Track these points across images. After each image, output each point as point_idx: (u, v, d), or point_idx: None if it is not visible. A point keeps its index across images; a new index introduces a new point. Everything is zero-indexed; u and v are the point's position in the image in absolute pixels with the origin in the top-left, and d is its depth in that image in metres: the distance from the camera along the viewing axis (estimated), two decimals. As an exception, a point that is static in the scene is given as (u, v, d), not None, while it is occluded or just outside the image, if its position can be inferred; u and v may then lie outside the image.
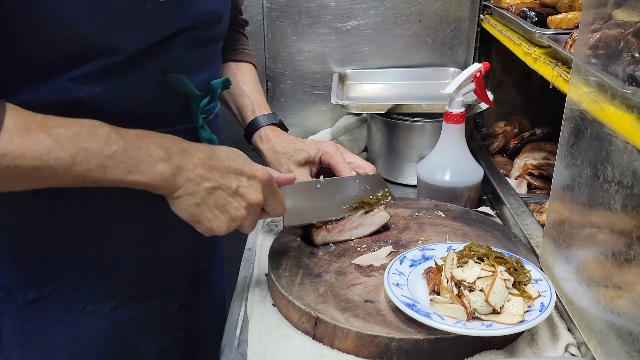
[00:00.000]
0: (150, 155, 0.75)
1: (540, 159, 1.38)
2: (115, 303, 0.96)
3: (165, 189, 0.77)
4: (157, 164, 0.75)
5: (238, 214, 0.82)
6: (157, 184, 0.76)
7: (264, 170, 0.84)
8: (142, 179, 0.75)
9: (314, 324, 0.85)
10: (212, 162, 0.80)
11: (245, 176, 0.82)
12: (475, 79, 1.19)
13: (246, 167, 0.83)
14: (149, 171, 0.75)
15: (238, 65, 1.19)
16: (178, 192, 0.78)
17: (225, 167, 0.81)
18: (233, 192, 0.81)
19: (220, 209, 0.81)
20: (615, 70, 0.75)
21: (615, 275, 0.72)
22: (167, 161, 0.76)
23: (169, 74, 0.85)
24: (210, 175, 0.79)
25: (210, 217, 0.81)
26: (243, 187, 0.82)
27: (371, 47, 1.59)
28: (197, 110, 0.94)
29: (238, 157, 0.84)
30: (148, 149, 0.75)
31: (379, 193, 1.06)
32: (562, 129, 0.87)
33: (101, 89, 0.80)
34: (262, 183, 0.84)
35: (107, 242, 0.92)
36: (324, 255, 1.00)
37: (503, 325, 0.79)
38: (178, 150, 0.78)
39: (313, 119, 1.65)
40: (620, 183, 0.69)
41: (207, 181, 0.79)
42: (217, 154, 0.82)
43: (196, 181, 0.78)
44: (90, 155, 0.71)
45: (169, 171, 0.76)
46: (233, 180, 0.81)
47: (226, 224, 0.82)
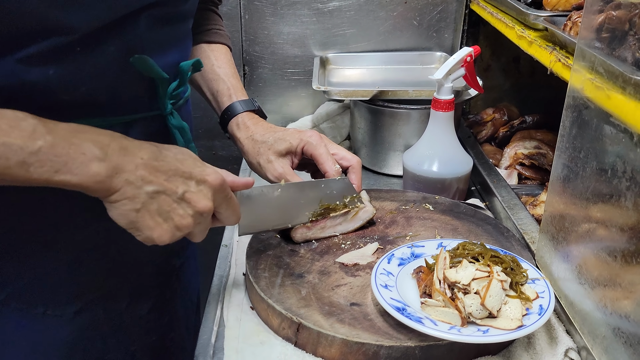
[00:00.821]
0: (82, 153, 0.66)
1: (531, 148, 1.33)
2: (79, 306, 0.89)
3: (100, 191, 0.68)
4: (91, 163, 0.66)
5: (184, 223, 0.73)
6: (90, 186, 0.67)
7: (216, 174, 0.75)
8: (72, 180, 0.66)
9: (296, 330, 0.78)
10: (156, 164, 0.71)
11: (194, 180, 0.73)
12: (466, 63, 1.12)
13: (196, 170, 0.74)
14: (80, 171, 0.66)
15: (211, 47, 1.10)
16: (115, 196, 0.69)
17: (171, 170, 0.72)
18: (179, 198, 0.72)
19: (164, 216, 0.71)
20: (622, 55, 0.69)
21: (623, 275, 0.67)
22: (103, 160, 0.67)
23: (132, 55, 0.77)
24: (154, 177, 0.70)
25: (151, 225, 0.71)
26: (191, 192, 0.73)
27: (354, 29, 1.52)
28: (164, 96, 0.86)
29: (188, 159, 0.74)
30: (81, 145, 0.66)
31: (346, 199, 0.98)
32: (563, 118, 0.81)
33: (54, 72, 0.72)
34: (213, 189, 0.75)
35: (66, 242, 0.85)
36: (306, 253, 0.94)
37: (501, 331, 0.74)
38: (117, 149, 0.69)
39: (293, 105, 1.58)
40: (632, 179, 0.63)
41: (149, 184, 0.70)
42: (164, 154, 0.73)
43: (136, 184, 0.69)
44: (10, 151, 0.62)
45: (104, 172, 0.67)
46: (180, 185, 0.72)
47: (170, 233, 0.73)
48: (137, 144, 0.72)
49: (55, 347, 0.89)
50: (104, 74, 0.77)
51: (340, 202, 0.98)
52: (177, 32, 0.89)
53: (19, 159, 0.63)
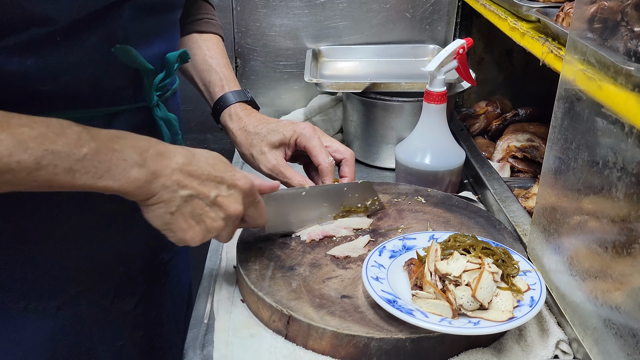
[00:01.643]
0: (124, 160, 0.68)
1: (523, 140, 1.33)
2: (61, 301, 0.88)
3: (139, 195, 0.70)
4: (131, 169, 0.68)
5: (215, 225, 0.75)
6: (130, 191, 0.69)
7: (246, 179, 0.78)
8: (114, 185, 0.68)
9: (286, 322, 0.78)
10: (190, 168, 0.73)
11: (226, 185, 0.76)
12: (458, 55, 1.12)
13: (227, 174, 0.76)
14: (122, 177, 0.68)
15: (203, 36, 1.09)
16: (152, 200, 0.71)
17: (204, 174, 0.74)
18: (211, 202, 0.74)
19: (196, 219, 0.74)
20: (614, 45, 0.69)
21: (613, 267, 0.66)
22: (142, 166, 0.69)
23: (115, 46, 0.75)
24: (188, 182, 0.72)
25: (184, 228, 0.74)
26: (222, 196, 0.75)
27: (347, 21, 1.51)
28: (150, 87, 0.85)
29: (219, 164, 0.76)
30: (122, 152, 0.68)
31: (367, 201, 1.01)
32: (555, 109, 0.80)
33: (33, 62, 0.70)
34: (243, 193, 0.77)
35: (46, 236, 0.84)
36: (297, 245, 0.93)
37: (491, 323, 0.73)
38: (154, 154, 0.71)
39: (285, 98, 1.57)
40: (623, 170, 0.63)
41: (184, 189, 0.72)
42: (197, 159, 0.74)
43: (172, 188, 0.71)
44: (58, 158, 0.64)
45: (143, 177, 0.69)
46: (212, 189, 0.74)
47: (201, 235, 0.75)
48: (172, 149, 0.73)
49: (38, 343, 0.88)
50: (85, 65, 0.76)
51: (361, 205, 1.00)
52: (163, 22, 0.87)
53: (66, 166, 0.64)
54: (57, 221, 0.84)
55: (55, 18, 0.69)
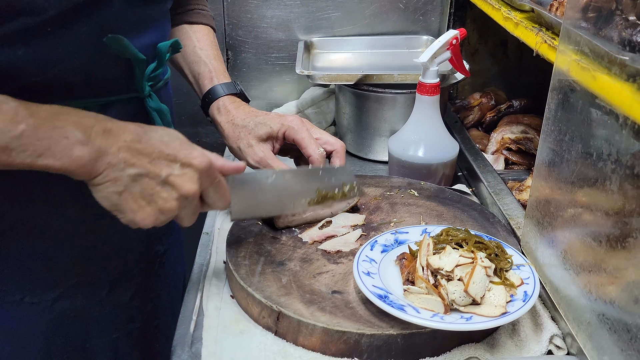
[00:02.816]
0: (65, 137, 0.65)
1: (518, 132, 1.31)
2: (57, 293, 0.88)
3: (84, 174, 0.67)
4: (74, 146, 0.65)
5: (167, 206, 0.71)
6: (73, 170, 0.66)
7: (202, 157, 0.73)
8: (56, 164, 0.65)
9: (276, 318, 0.77)
10: (140, 146, 0.69)
11: (179, 163, 0.71)
12: (451, 46, 1.10)
13: (182, 152, 0.72)
14: (63, 155, 0.65)
15: (194, 28, 1.08)
16: (98, 179, 0.68)
17: (155, 152, 0.70)
18: (162, 181, 0.70)
19: (147, 199, 0.70)
20: (609, 34, 0.67)
21: (607, 261, 0.65)
22: (86, 144, 0.66)
23: (106, 36, 0.74)
24: (136, 160, 0.69)
25: (134, 208, 0.70)
26: (174, 175, 0.71)
27: (339, 12, 1.49)
28: (142, 77, 0.84)
29: (174, 141, 0.72)
30: (64, 128, 0.65)
31: (345, 187, 0.95)
32: (549, 100, 0.79)
33: (23, 53, 0.69)
34: (199, 172, 0.72)
35: (42, 229, 0.83)
36: (287, 240, 0.92)
37: (484, 318, 0.72)
38: (100, 131, 0.67)
39: (277, 90, 1.55)
40: (617, 161, 0.62)
41: (131, 167, 0.69)
42: (149, 136, 0.71)
43: (119, 166, 0.68)
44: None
45: (87, 155, 0.66)
46: (163, 168, 0.70)
47: (153, 217, 0.71)
48: (122, 126, 0.70)
49: (34, 335, 0.88)
50: (76, 55, 0.75)
51: (338, 190, 0.95)
52: (153, 12, 0.86)
53: (1, 143, 0.62)
54: (52, 214, 0.83)
55: (45, 7, 0.68)
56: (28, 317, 0.87)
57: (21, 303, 0.85)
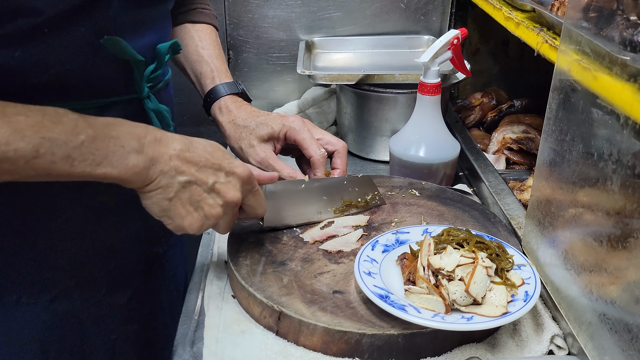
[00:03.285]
0: (122, 146, 0.67)
1: (519, 132, 1.31)
2: (54, 294, 0.88)
3: (137, 182, 0.70)
4: (129, 155, 0.68)
5: (213, 212, 0.75)
6: (129, 178, 0.69)
7: (244, 167, 0.77)
8: (113, 172, 0.67)
9: (277, 318, 0.77)
10: (188, 155, 0.73)
11: (224, 172, 0.75)
12: (453, 46, 1.10)
13: (225, 162, 0.76)
14: (119, 163, 0.67)
15: (196, 27, 1.08)
16: (150, 186, 0.71)
17: (202, 161, 0.74)
18: (209, 188, 0.74)
19: (194, 205, 0.74)
20: (610, 34, 0.67)
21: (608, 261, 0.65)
22: (140, 152, 0.69)
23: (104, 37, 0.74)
24: (186, 168, 0.72)
25: (182, 214, 0.73)
26: (220, 183, 0.75)
27: (340, 12, 1.49)
28: (141, 78, 0.84)
29: (217, 151, 0.76)
30: (119, 138, 0.68)
31: (367, 196, 1.00)
32: (550, 100, 0.79)
33: (21, 54, 0.69)
34: (241, 180, 0.77)
35: (38, 229, 0.83)
36: (288, 240, 0.92)
37: (485, 318, 0.72)
38: (152, 140, 0.70)
39: (278, 90, 1.56)
40: (619, 162, 0.62)
41: (181, 175, 0.72)
42: (195, 146, 0.74)
43: (170, 174, 0.71)
44: (56, 146, 0.63)
45: (142, 163, 0.69)
46: (210, 176, 0.74)
47: (200, 222, 0.74)
48: (170, 136, 0.73)
49: (30, 336, 0.88)
50: (74, 57, 0.75)
51: (361, 200, 0.99)
52: (153, 13, 0.86)
53: (64, 153, 0.64)
54: (50, 214, 0.83)
55: (42, 9, 0.68)
56: (24, 317, 0.87)
57: (18, 304, 0.85)
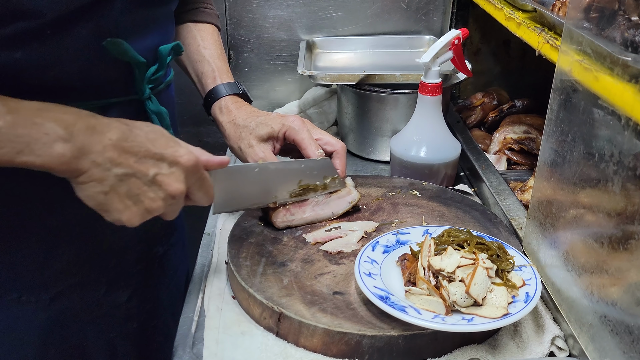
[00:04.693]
0: (45, 133, 0.63)
1: (520, 132, 1.31)
2: (54, 293, 0.88)
3: (66, 172, 0.66)
4: (55, 143, 0.64)
5: (154, 205, 0.70)
6: (55, 167, 0.65)
7: (189, 154, 0.72)
8: (36, 161, 0.63)
9: (277, 319, 0.77)
10: (126, 145, 0.68)
11: (167, 162, 0.70)
12: (453, 46, 1.10)
13: (168, 150, 0.71)
14: (43, 152, 0.63)
15: (198, 26, 1.07)
16: (82, 177, 0.66)
17: (142, 151, 0.69)
18: (150, 181, 0.69)
19: (134, 199, 0.69)
20: (611, 35, 0.67)
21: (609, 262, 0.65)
22: (68, 141, 0.64)
23: (106, 39, 0.74)
24: (123, 159, 0.67)
25: (120, 208, 0.69)
26: (162, 174, 0.70)
27: (341, 12, 1.49)
28: (142, 80, 0.84)
29: (160, 138, 0.71)
30: (43, 125, 0.63)
31: (327, 179, 0.96)
32: (551, 101, 0.79)
33: (22, 56, 0.69)
34: (185, 170, 0.72)
35: (38, 228, 0.83)
36: (289, 241, 0.92)
37: (485, 320, 0.72)
38: (83, 128, 0.66)
39: (279, 90, 1.55)
40: (620, 163, 0.61)
41: (118, 167, 0.67)
42: (135, 134, 0.69)
43: (105, 166, 0.66)
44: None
45: (69, 153, 0.64)
46: (151, 167, 0.69)
47: (139, 216, 0.70)
48: (106, 123, 0.68)
49: (30, 334, 0.88)
50: (76, 58, 0.75)
51: (320, 183, 0.96)
52: (156, 14, 0.86)
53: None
54: (50, 213, 0.83)
55: (43, 12, 0.68)
56: (24, 316, 0.87)
57: (18, 302, 0.85)
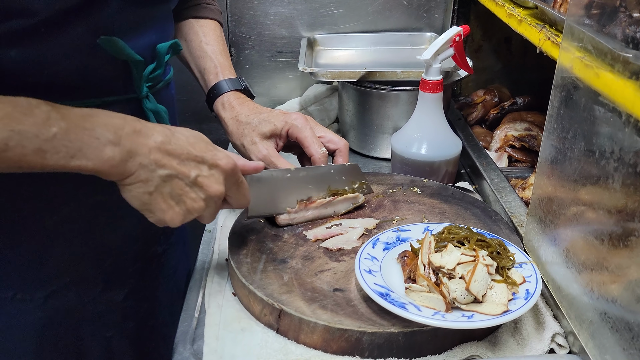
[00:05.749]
0: (96, 138, 0.66)
1: (521, 129, 1.31)
2: (50, 291, 0.88)
3: (115, 175, 0.68)
4: (105, 147, 0.66)
5: (195, 206, 0.73)
6: (105, 170, 0.67)
7: (227, 158, 0.75)
8: (88, 165, 0.66)
9: (278, 316, 0.77)
10: (169, 147, 0.71)
11: (207, 164, 0.73)
12: (455, 43, 1.10)
13: (208, 154, 0.74)
14: (95, 156, 0.66)
15: (200, 22, 1.07)
16: (129, 179, 0.69)
17: (184, 153, 0.72)
18: (191, 182, 0.72)
19: (176, 199, 0.72)
20: (612, 31, 0.67)
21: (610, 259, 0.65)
22: (117, 144, 0.67)
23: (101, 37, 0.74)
24: (167, 161, 0.70)
25: (164, 208, 0.72)
26: (203, 176, 0.73)
27: (342, 9, 1.49)
28: (139, 78, 0.83)
29: (199, 142, 0.74)
30: (94, 130, 0.66)
31: (355, 184, 0.99)
32: (552, 98, 0.78)
33: (17, 54, 0.69)
34: (224, 173, 0.75)
35: (35, 226, 0.83)
36: (289, 238, 0.92)
37: (485, 316, 0.72)
38: (130, 132, 0.68)
39: (280, 87, 1.55)
40: (620, 160, 0.61)
41: (162, 168, 0.70)
42: (177, 137, 0.72)
43: (150, 167, 0.69)
44: (26, 139, 0.62)
45: (118, 156, 0.67)
46: (192, 169, 0.72)
47: (181, 216, 0.73)
48: (150, 127, 0.71)
49: (26, 332, 0.88)
50: (72, 56, 0.74)
51: (348, 188, 0.98)
52: (154, 12, 0.86)
53: (34, 146, 0.62)
54: (47, 211, 0.83)
55: (37, 10, 0.68)
56: (20, 314, 0.87)
57: (13, 300, 0.86)
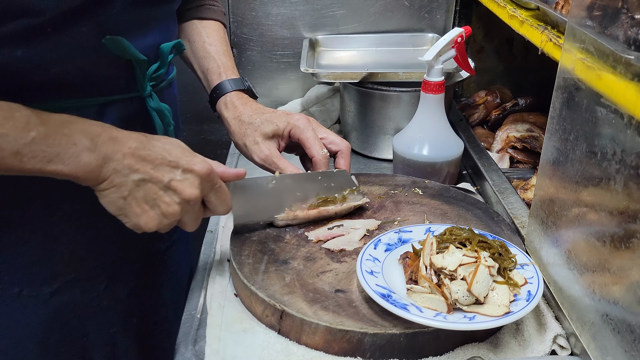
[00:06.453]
0: (74, 144, 0.68)
1: (523, 131, 1.31)
2: (55, 287, 0.88)
3: (90, 180, 0.70)
4: (82, 153, 0.68)
5: (170, 210, 0.74)
6: (81, 175, 0.69)
7: (203, 163, 0.76)
8: (64, 170, 0.68)
9: (279, 317, 0.77)
10: (143, 152, 0.72)
11: (181, 169, 0.74)
12: (456, 44, 1.10)
13: (183, 159, 0.75)
14: (71, 161, 0.68)
15: (203, 23, 1.08)
16: (103, 184, 0.71)
17: (158, 158, 0.73)
18: (165, 186, 0.73)
19: (150, 203, 0.73)
20: (614, 33, 0.67)
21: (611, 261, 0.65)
22: (93, 151, 0.69)
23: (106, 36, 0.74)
24: (140, 166, 0.72)
25: (138, 212, 0.73)
26: (177, 180, 0.74)
27: (344, 10, 1.49)
28: (143, 77, 0.84)
29: (176, 149, 0.75)
30: (72, 136, 0.68)
31: (345, 191, 0.97)
32: (553, 99, 0.78)
33: (23, 53, 0.70)
34: (199, 177, 0.75)
35: (39, 223, 0.84)
36: (291, 239, 0.92)
37: (487, 318, 0.72)
38: (107, 139, 0.70)
39: (282, 88, 1.56)
40: (622, 161, 0.61)
41: (135, 173, 0.72)
42: (152, 144, 0.74)
43: (123, 172, 0.71)
44: (5, 141, 0.64)
45: (94, 162, 0.69)
46: (166, 173, 0.73)
47: (156, 220, 0.74)
48: (127, 134, 0.73)
49: (31, 328, 0.89)
50: (76, 56, 0.75)
51: (338, 195, 0.96)
52: (158, 12, 0.86)
53: (12, 149, 0.64)
54: (51, 208, 0.84)
55: (43, 10, 0.69)
56: (25, 310, 0.87)
57: (19, 296, 0.86)
